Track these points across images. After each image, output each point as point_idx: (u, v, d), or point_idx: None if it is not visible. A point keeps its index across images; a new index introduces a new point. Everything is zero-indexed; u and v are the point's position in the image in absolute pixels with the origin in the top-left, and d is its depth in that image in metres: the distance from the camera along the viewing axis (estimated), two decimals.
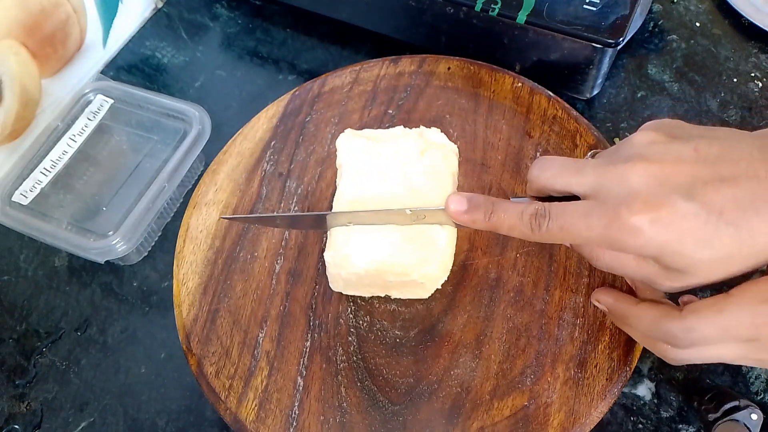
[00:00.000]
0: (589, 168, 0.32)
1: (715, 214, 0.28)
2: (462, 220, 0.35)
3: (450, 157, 0.41)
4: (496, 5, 0.51)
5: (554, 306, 0.42)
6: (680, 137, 0.31)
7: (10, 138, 0.55)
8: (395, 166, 0.41)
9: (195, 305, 0.44)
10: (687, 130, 0.32)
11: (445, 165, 0.41)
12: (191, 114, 0.52)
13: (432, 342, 0.41)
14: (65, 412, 0.46)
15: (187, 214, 0.47)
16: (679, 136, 0.31)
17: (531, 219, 0.32)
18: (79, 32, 0.60)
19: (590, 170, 0.32)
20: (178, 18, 0.67)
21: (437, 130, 0.42)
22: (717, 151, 0.30)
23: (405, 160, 0.41)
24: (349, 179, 0.41)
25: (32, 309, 0.51)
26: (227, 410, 0.40)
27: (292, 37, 0.64)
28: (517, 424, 0.38)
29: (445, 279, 0.42)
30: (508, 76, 0.51)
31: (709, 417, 0.40)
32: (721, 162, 0.29)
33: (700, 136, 0.31)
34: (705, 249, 0.29)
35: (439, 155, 0.41)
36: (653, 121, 0.34)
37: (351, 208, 0.39)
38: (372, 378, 0.40)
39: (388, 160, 0.41)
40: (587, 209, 0.31)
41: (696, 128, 0.32)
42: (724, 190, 0.28)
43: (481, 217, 0.34)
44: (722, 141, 0.30)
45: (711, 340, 0.31)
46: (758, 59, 0.58)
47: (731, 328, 0.30)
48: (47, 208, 0.50)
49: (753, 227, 0.28)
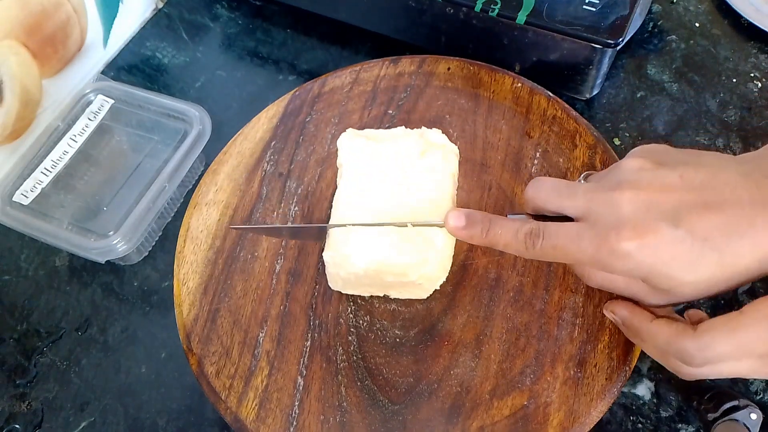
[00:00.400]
0: (581, 192, 0.34)
1: (699, 239, 0.30)
2: (460, 235, 0.36)
3: (450, 158, 0.41)
4: (495, 5, 0.51)
5: (554, 306, 0.42)
6: (667, 164, 0.32)
7: (11, 138, 0.55)
8: (395, 167, 0.41)
9: (195, 305, 0.44)
10: (673, 156, 0.33)
11: (445, 166, 0.41)
12: (192, 114, 0.53)
13: (432, 342, 0.41)
14: (66, 411, 0.46)
15: (188, 214, 0.47)
16: (666, 162, 0.33)
17: (526, 238, 0.34)
18: (80, 32, 0.60)
19: (582, 194, 0.33)
20: (179, 18, 0.67)
21: (438, 131, 0.42)
22: (702, 177, 0.31)
23: (405, 160, 0.41)
24: (349, 179, 0.41)
25: (33, 309, 0.51)
26: (228, 410, 0.40)
27: (292, 38, 0.64)
28: (516, 424, 0.38)
29: (444, 279, 0.42)
30: (507, 77, 0.51)
31: (709, 417, 0.40)
32: (706, 189, 0.31)
33: (686, 163, 0.32)
34: (690, 272, 0.30)
35: (439, 156, 0.41)
36: (640, 147, 0.35)
37: (351, 207, 0.40)
38: (372, 377, 0.41)
39: (389, 160, 0.41)
40: (579, 232, 0.32)
41: (682, 154, 0.33)
42: (709, 216, 0.30)
43: (478, 233, 0.35)
44: (707, 168, 0.31)
45: (726, 357, 0.31)
46: (758, 59, 0.58)
47: (746, 345, 0.30)
48: (48, 208, 0.50)
49: (736, 251, 0.30)
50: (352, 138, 0.42)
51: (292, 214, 0.47)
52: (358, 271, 0.39)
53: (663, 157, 0.33)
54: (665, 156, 0.33)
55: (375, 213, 0.39)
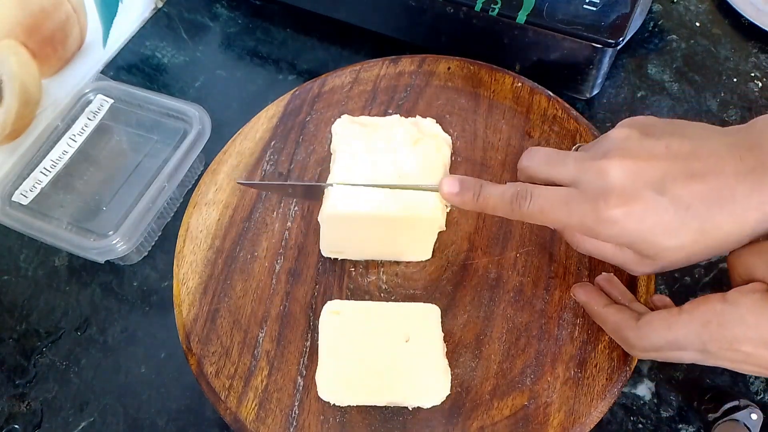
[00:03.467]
0: (571, 160, 0.35)
1: (683, 208, 0.31)
2: (454, 201, 0.37)
3: (443, 148, 0.42)
4: (496, 5, 0.51)
5: (554, 306, 0.42)
6: (653, 134, 0.33)
7: (10, 138, 0.55)
8: (388, 154, 0.41)
9: (195, 305, 0.44)
10: (660, 127, 0.34)
11: (437, 156, 0.42)
12: (191, 114, 0.52)
13: None
14: (65, 411, 0.46)
15: (187, 214, 0.47)
16: (653, 133, 0.34)
17: (513, 198, 0.35)
18: (79, 32, 0.60)
19: (571, 162, 0.35)
20: (178, 18, 0.67)
21: (432, 120, 0.43)
22: (688, 148, 0.32)
23: (398, 148, 0.42)
24: (341, 164, 0.41)
25: (32, 309, 0.51)
26: (227, 410, 0.40)
27: (292, 37, 0.64)
28: (517, 424, 0.38)
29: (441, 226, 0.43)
30: (508, 76, 0.51)
31: (709, 417, 0.40)
32: (691, 158, 0.32)
33: (672, 133, 0.33)
34: (672, 239, 0.31)
35: (432, 145, 0.42)
36: (629, 118, 0.36)
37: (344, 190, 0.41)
38: None
39: (382, 147, 0.42)
40: (567, 197, 0.33)
41: (669, 125, 0.34)
42: (692, 185, 0.31)
43: (470, 198, 0.37)
44: (693, 138, 0.32)
45: (663, 349, 0.33)
46: (758, 59, 0.58)
47: (680, 342, 0.32)
48: (47, 208, 0.50)
49: (716, 221, 0.31)
50: (346, 124, 0.43)
51: (292, 213, 0.47)
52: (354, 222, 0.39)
53: (650, 128, 0.34)
54: (652, 127, 0.34)
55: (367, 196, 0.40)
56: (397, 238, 0.42)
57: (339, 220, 0.40)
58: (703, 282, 0.47)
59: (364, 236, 0.42)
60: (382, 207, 0.40)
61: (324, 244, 0.43)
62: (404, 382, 0.38)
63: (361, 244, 0.43)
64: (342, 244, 0.43)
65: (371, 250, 0.44)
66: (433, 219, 0.40)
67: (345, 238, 0.42)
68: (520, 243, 0.44)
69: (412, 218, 0.40)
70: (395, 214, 0.40)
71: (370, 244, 0.43)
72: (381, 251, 0.44)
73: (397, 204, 0.40)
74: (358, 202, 0.40)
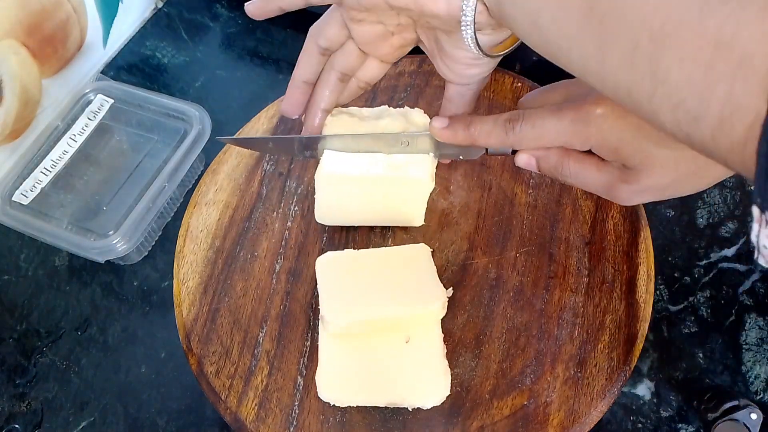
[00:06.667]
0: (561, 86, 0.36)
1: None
2: (444, 135, 0.37)
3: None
4: None
5: (554, 306, 0.42)
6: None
7: (11, 138, 0.55)
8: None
9: (195, 305, 0.44)
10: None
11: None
12: (191, 114, 0.52)
13: None
14: (65, 411, 0.46)
15: (188, 214, 0.47)
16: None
17: (505, 122, 0.35)
18: (80, 32, 0.60)
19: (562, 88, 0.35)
20: (178, 18, 0.67)
21: (421, 110, 0.42)
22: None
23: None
24: (331, 153, 0.41)
25: (32, 308, 0.51)
26: (227, 409, 0.40)
27: (292, 37, 0.64)
28: (516, 424, 0.38)
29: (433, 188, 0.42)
30: (508, 76, 0.51)
31: (709, 416, 0.40)
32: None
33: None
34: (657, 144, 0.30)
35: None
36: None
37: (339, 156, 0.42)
38: None
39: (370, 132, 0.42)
40: (559, 107, 0.34)
41: None
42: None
43: (461, 130, 0.36)
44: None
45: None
46: None
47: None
48: (47, 208, 0.50)
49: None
50: (336, 113, 0.43)
51: (292, 213, 0.47)
52: (349, 182, 0.40)
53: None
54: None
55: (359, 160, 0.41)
56: (388, 200, 0.42)
57: (333, 180, 0.41)
58: (703, 282, 0.47)
59: (356, 199, 0.42)
60: (372, 169, 0.40)
61: (318, 210, 0.44)
62: (404, 383, 0.38)
63: (353, 208, 0.43)
64: (335, 209, 0.44)
65: (363, 215, 0.44)
66: (422, 180, 0.41)
67: (338, 200, 0.43)
68: (520, 243, 0.44)
69: (401, 178, 0.40)
70: (385, 174, 0.40)
71: (363, 207, 0.43)
72: (373, 216, 0.44)
73: (388, 167, 0.40)
74: (351, 166, 0.41)
